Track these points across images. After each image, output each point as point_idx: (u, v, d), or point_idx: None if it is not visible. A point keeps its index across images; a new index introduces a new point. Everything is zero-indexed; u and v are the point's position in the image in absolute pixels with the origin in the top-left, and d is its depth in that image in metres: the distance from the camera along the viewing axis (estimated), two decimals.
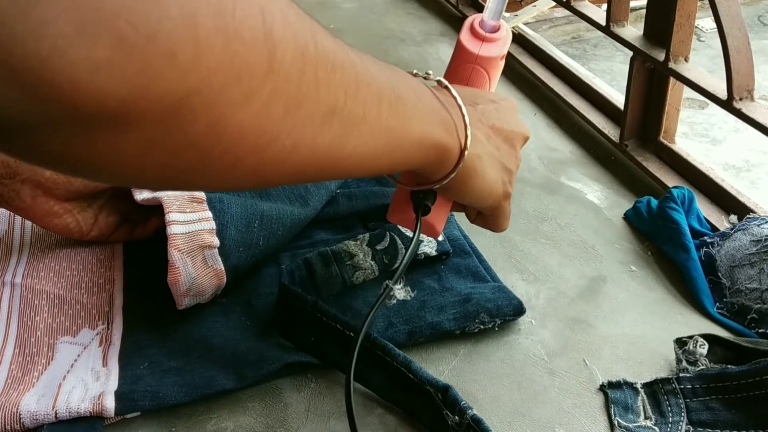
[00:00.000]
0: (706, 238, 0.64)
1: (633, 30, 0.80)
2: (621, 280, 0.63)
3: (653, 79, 0.77)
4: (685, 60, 0.71)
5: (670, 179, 0.73)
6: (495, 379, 0.53)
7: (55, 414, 0.46)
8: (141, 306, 0.56)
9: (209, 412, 0.50)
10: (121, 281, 0.59)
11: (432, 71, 0.44)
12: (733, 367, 0.50)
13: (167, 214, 0.53)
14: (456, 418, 0.46)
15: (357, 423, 0.45)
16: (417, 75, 0.43)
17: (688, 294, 0.61)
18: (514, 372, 0.53)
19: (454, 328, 0.55)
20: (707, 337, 0.53)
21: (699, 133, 2.84)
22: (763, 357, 0.49)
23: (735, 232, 0.62)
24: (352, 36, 1.15)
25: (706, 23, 3.57)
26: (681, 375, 0.51)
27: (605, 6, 0.81)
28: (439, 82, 0.43)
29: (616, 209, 0.73)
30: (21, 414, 0.46)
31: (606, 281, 0.63)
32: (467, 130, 0.42)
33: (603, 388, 0.52)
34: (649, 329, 0.58)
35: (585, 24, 0.87)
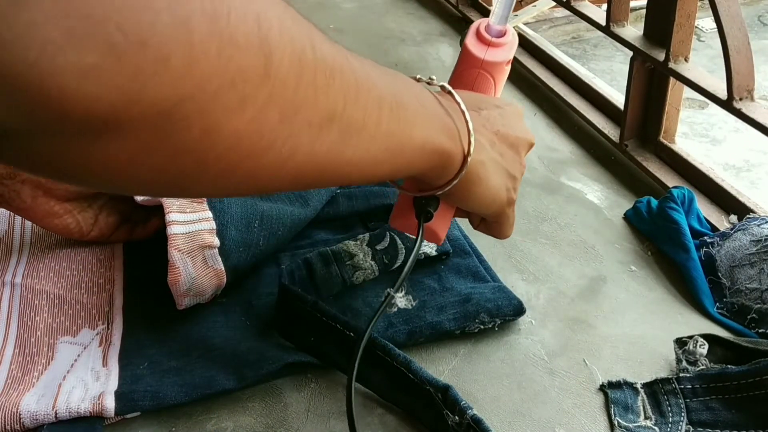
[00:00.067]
0: (706, 238, 0.64)
1: (633, 30, 0.80)
2: (621, 280, 0.63)
3: (653, 79, 0.77)
4: (685, 60, 0.71)
5: (670, 179, 0.73)
6: (495, 379, 0.53)
7: (55, 414, 0.46)
8: (141, 306, 0.56)
9: (209, 412, 0.50)
10: (121, 281, 0.59)
11: (432, 72, 0.44)
12: (733, 367, 0.50)
13: (167, 214, 0.53)
14: (456, 418, 0.46)
15: (357, 423, 0.45)
16: (420, 80, 0.42)
17: (688, 294, 0.61)
18: (514, 372, 0.53)
19: (454, 328, 0.55)
20: (707, 337, 0.53)
21: (699, 133, 2.84)
22: (763, 357, 0.49)
23: (735, 232, 0.62)
24: (352, 36, 1.15)
25: (706, 23, 3.57)
26: (681, 375, 0.51)
27: (605, 6, 0.81)
28: (443, 87, 0.43)
29: (616, 209, 0.73)
30: (21, 414, 0.46)
31: (606, 281, 0.63)
32: (471, 136, 0.41)
33: (603, 388, 0.52)
34: (649, 329, 0.58)
35: (585, 24, 0.87)
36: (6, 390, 0.49)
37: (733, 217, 0.66)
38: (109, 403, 0.47)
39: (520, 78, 0.99)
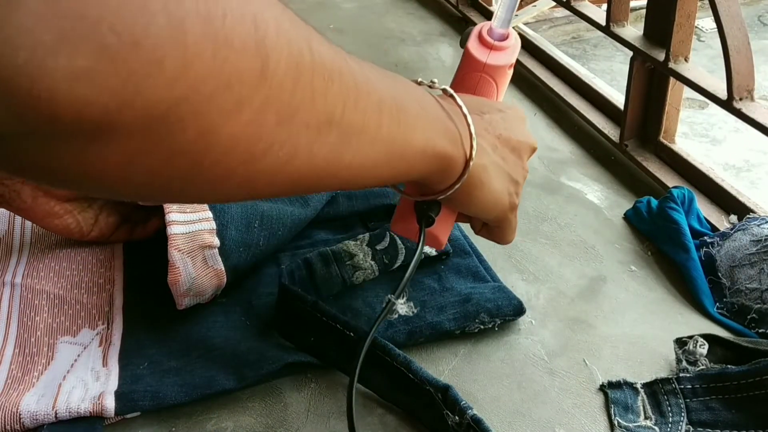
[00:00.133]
0: (706, 238, 0.64)
1: (633, 30, 0.80)
2: (621, 280, 0.63)
3: (653, 79, 0.77)
4: (685, 60, 0.71)
5: (670, 179, 0.73)
6: (495, 379, 0.53)
7: (55, 414, 0.46)
8: (141, 306, 0.56)
9: (209, 412, 0.50)
10: (121, 281, 0.59)
11: (432, 72, 0.44)
12: (733, 367, 0.50)
13: (167, 214, 0.53)
14: (456, 418, 0.46)
15: (357, 423, 0.45)
16: (422, 83, 0.42)
17: (688, 294, 0.61)
18: (514, 372, 0.53)
19: (454, 328, 0.55)
20: (707, 337, 0.53)
21: (699, 133, 2.84)
22: (763, 357, 0.49)
23: (735, 232, 0.62)
24: (352, 36, 1.15)
25: (706, 23, 3.57)
26: (681, 375, 0.51)
27: (605, 6, 0.81)
28: (445, 90, 0.43)
29: (616, 209, 0.73)
30: (21, 414, 0.46)
31: (606, 281, 0.63)
32: (473, 139, 0.41)
33: (603, 388, 0.52)
34: (649, 329, 0.58)
35: (585, 24, 0.87)
36: (6, 390, 0.49)
37: (733, 217, 0.66)
38: (109, 403, 0.47)
39: (520, 78, 0.99)
